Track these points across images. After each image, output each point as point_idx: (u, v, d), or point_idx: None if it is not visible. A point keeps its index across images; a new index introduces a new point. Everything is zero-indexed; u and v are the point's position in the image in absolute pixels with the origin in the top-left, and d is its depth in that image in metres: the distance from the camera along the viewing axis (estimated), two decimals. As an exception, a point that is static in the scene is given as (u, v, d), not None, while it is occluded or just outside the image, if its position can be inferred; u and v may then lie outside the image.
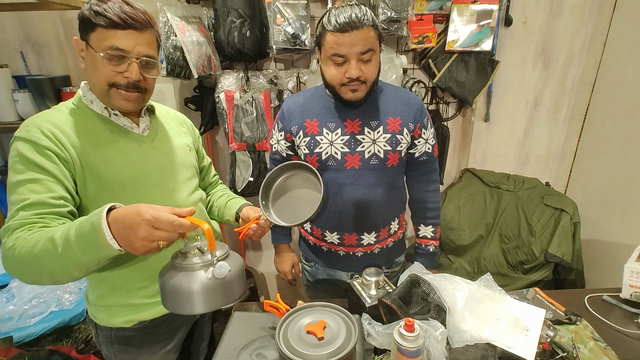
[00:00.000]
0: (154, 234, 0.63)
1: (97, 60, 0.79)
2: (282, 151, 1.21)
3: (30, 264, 0.68)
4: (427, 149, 1.17)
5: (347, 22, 0.94)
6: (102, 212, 0.65)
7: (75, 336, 1.42)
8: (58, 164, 0.77)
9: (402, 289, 0.97)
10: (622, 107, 1.76)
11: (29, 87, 1.57)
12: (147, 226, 0.62)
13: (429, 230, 1.26)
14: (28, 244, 0.68)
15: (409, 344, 0.77)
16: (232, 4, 1.54)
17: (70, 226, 0.68)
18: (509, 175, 2.01)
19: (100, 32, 0.78)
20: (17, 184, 0.75)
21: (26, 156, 0.76)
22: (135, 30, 0.80)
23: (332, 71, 1.02)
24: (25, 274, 0.72)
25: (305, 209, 0.97)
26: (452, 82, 1.83)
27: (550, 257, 1.70)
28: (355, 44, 0.96)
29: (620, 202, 1.77)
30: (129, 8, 0.79)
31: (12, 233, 0.72)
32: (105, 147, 0.84)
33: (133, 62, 0.81)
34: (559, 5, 1.84)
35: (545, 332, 0.93)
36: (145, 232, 0.62)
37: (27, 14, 1.69)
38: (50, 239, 0.67)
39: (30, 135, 0.77)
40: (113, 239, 0.64)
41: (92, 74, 0.81)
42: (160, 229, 0.63)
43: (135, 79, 0.82)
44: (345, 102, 1.07)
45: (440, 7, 1.79)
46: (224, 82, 1.71)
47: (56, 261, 0.67)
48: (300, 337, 0.83)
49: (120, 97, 0.83)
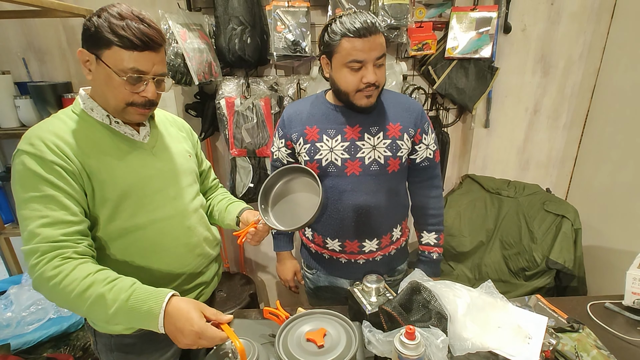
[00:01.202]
0: (197, 342, 0.74)
1: (113, 80, 0.79)
2: (282, 158, 1.21)
3: (75, 305, 0.74)
4: (428, 154, 1.17)
5: (365, 28, 0.93)
6: (162, 303, 0.74)
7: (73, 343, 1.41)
8: (67, 179, 0.77)
9: (403, 296, 0.96)
10: (622, 113, 1.76)
11: (31, 94, 1.57)
12: (193, 336, 0.72)
13: (432, 237, 1.26)
14: (77, 287, 0.72)
15: (410, 352, 0.77)
16: (233, 12, 1.56)
17: (124, 294, 0.73)
18: (509, 182, 2.01)
19: (116, 52, 0.76)
20: (30, 200, 0.75)
21: (34, 171, 0.75)
22: (153, 51, 0.80)
23: (348, 77, 1.00)
24: (62, 305, 0.77)
25: (303, 214, 0.97)
26: (451, 89, 1.84)
27: (552, 264, 1.69)
28: (374, 49, 0.96)
29: (621, 209, 1.77)
30: (146, 27, 0.78)
31: (43, 256, 0.73)
32: (108, 155, 0.84)
33: (150, 82, 0.82)
34: (558, 13, 1.85)
35: (548, 340, 0.92)
36: (190, 340, 0.73)
37: (29, 21, 1.71)
38: (101, 296, 0.73)
39: (35, 150, 0.76)
40: (162, 327, 0.73)
41: (107, 91, 0.81)
42: (203, 339, 0.73)
43: (152, 98, 0.83)
44: (357, 108, 1.06)
45: (440, 15, 1.80)
46: (225, 88, 1.72)
47: (101, 315, 0.74)
48: (300, 345, 0.82)
49: (136, 113, 0.85)
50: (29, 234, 0.74)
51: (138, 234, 0.87)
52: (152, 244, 0.89)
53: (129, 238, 0.87)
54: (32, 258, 0.73)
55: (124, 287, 0.74)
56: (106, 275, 0.75)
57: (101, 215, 0.83)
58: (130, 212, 0.86)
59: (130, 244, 0.87)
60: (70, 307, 0.77)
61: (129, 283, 0.75)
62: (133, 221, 0.86)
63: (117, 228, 0.85)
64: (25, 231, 0.75)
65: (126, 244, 0.87)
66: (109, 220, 0.84)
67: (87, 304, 0.72)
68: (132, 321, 0.74)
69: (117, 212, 0.84)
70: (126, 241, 0.87)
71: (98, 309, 0.73)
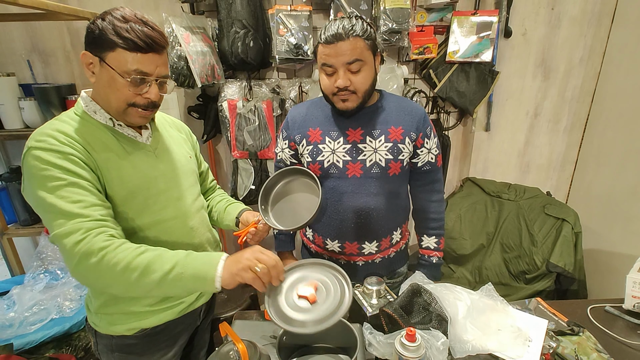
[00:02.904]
0: (258, 256, 0.78)
1: (117, 81, 0.79)
2: (286, 159, 1.22)
3: (126, 273, 0.73)
4: (430, 158, 1.18)
5: (333, 35, 0.98)
6: (223, 254, 0.80)
7: (75, 344, 1.41)
8: (86, 168, 0.78)
9: (404, 298, 0.96)
10: (623, 117, 1.77)
11: (35, 95, 1.59)
12: (251, 251, 0.79)
13: (432, 241, 1.26)
14: (130, 254, 0.74)
15: (411, 354, 0.77)
16: (236, 15, 1.57)
17: (182, 253, 0.79)
18: (509, 185, 2.01)
19: (120, 53, 0.77)
20: (55, 189, 0.73)
21: (54, 163, 0.74)
22: (156, 53, 0.81)
23: (324, 81, 1.06)
24: (107, 279, 0.74)
25: (303, 214, 0.99)
26: (452, 92, 1.85)
27: (552, 267, 1.69)
28: (341, 54, 0.99)
29: (621, 212, 1.77)
30: (150, 30, 0.79)
31: (88, 232, 0.72)
32: (115, 158, 0.84)
33: (153, 84, 0.83)
34: (558, 17, 1.87)
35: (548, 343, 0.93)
36: (249, 254, 0.78)
37: (34, 23, 1.72)
38: (159, 255, 0.77)
39: (49, 145, 0.75)
40: (222, 268, 0.76)
41: (110, 92, 0.82)
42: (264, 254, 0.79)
43: (155, 99, 0.84)
44: (338, 111, 1.10)
45: (441, 19, 1.82)
46: (227, 91, 1.73)
47: (156, 273, 0.74)
48: (293, 305, 0.81)
49: (137, 115, 0.85)
50: (66, 215, 0.72)
51: (142, 235, 0.88)
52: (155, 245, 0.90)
53: (132, 239, 0.87)
54: (76, 234, 0.71)
55: (180, 252, 0.79)
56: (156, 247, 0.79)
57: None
58: (134, 213, 0.86)
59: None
60: (117, 279, 0.74)
61: (188, 260, 0.78)
62: (137, 222, 0.87)
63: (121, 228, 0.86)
64: (61, 214, 0.72)
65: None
66: None
67: (142, 266, 0.73)
68: (190, 270, 0.75)
69: (122, 212, 0.85)
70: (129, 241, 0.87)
71: (154, 266, 0.74)
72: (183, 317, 0.99)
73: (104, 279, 0.74)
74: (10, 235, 1.74)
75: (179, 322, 0.99)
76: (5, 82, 1.59)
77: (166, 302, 0.94)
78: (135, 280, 0.73)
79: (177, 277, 0.74)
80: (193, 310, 1.02)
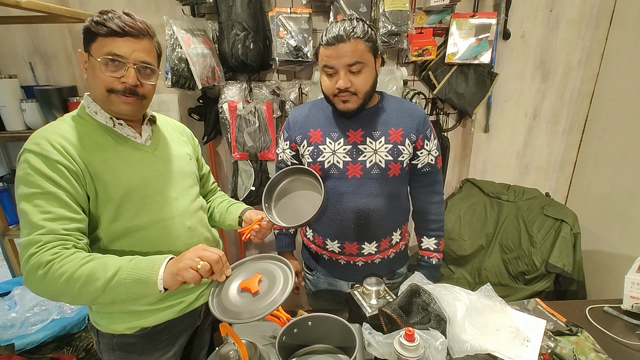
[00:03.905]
0: (201, 254, 0.78)
1: (95, 67, 0.82)
2: (287, 160, 1.24)
3: (69, 284, 0.73)
4: (430, 160, 1.18)
5: (334, 37, 0.99)
6: (166, 257, 0.79)
7: (76, 344, 1.42)
8: (69, 178, 0.79)
9: (403, 299, 0.97)
10: (621, 118, 1.78)
11: (37, 97, 1.60)
12: (194, 250, 0.79)
13: (432, 242, 1.27)
14: (74, 266, 0.74)
15: (410, 353, 0.78)
16: (236, 18, 1.58)
17: (126, 259, 0.79)
18: (509, 186, 2.02)
19: (99, 41, 0.81)
20: (32, 196, 0.76)
21: (38, 169, 0.77)
22: (133, 37, 0.83)
23: (325, 82, 1.07)
24: (52, 291, 0.75)
25: (306, 212, 1.00)
26: (451, 94, 1.86)
27: (551, 268, 1.70)
28: (342, 56, 1.00)
29: (620, 213, 1.78)
30: (128, 18, 0.83)
31: (44, 245, 0.74)
32: (111, 157, 0.86)
33: (130, 68, 0.83)
34: (556, 19, 1.88)
35: (546, 343, 0.93)
36: (192, 252, 0.78)
37: (36, 26, 1.73)
38: (103, 262, 0.76)
39: (41, 149, 0.78)
40: (164, 269, 0.76)
41: (93, 81, 0.84)
42: (207, 251, 0.79)
43: (132, 83, 0.84)
44: (339, 112, 1.11)
45: (440, 21, 1.83)
46: (228, 92, 1.74)
47: (99, 281, 0.74)
48: (235, 297, 0.81)
49: (120, 101, 0.85)
50: (31, 226, 0.75)
51: (140, 234, 0.89)
52: (154, 244, 0.91)
53: (131, 238, 0.89)
54: (32, 247, 0.74)
55: (126, 257, 0.79)
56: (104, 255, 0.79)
57: (104, 215, 0.85)
58: (132, 213, 0.88)
59: (133, 244, 0.89)
60: (62, 290, 0.74)
61: (128, 265, 0.78)
62: (135, 221, 0.88)
63: (120, 228, 0.87)
64: (28, 223, 0.75)
65: (129, 243, 0.89)
66: (112, 220, 0.86)
67: (85, 275, 0.73)
68: (132, 275, 0.75)
69: (120, 212, 0.86)
70: (129, 241, 0.89)
71: (97, 274, 0.74)
72: (183, 316, 1.00)
73: (50, 290, 0.75)
74: (12, 236, 1.75)
75: (179, 321, 1.00)
76: (7, 84, 1.60)
77: (166, 301, 0.95)
78: (78, 289, 0.73)
79: (119, 282, 0.75)
80: (193, 310, 1.03)
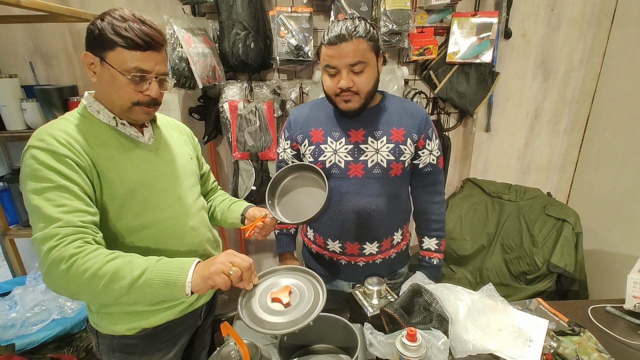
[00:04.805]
0: (232, 259, 0.78)
1: (118, 80, 0.81)
2: (288, 159, 1.23)
3: (93, 281, 0.72)
4: (431, 160, 1.18)
5: (336, 36, 0.99)
6: (194, 260, 0.79)
7: (77, 344, 1.42)
8: (79, 172, 0.78)
9: (404, 299, 0.97)
10: (623, 118, 1.77)
11: (37, 97, 1.59)
12: (225, 255, 0.79)
13: (433, 243, 1.26)
14: (99, 262, 0.72)
15: (412, 353, 0.77)
16: (237, 17, 1.58)
17: (153, 259, 0.78)
18: (510, 185, 2.02)
19: (120, 52, 0.79)
20: (44, 190, 0.74)
21: (47, 163, 0.75)
22: (155, 51, 0.83)
23: (327, 82, 1.06)
24: (75, 286, 0.73)
25: (309, 208, 1.00)
26: (453, 93, 1.85)
27: (553, 268, 1.69)
28: (344, 56, 0.99)
29: (622, 213, 1.77)
30: (148, 28, 0.81)
31: (64, 238, 0.71)
32: (115, 156, 0.86)
33: (153, 81, 0.84)
34: (558, 18, 1.87)
35: (549, 343, 0.93)
36: (223, 257, 0.78)
37: (36, 25, 1.73)
38: (129, 261, 0.75)
39: (47, 145, 0.77)
40: (193, 272, 0.76)
41: (112, 91, 0.83)
42: (237, 257, 0.79)
43: (156, 96, 0.86)
44: (341, 112, 1.10)
45: (441, 20, 1.82)
46: (228, 92, 1.74)
47: (125, 280, 0.73)
48: (265, 307, 0.82)
49: (142, 112, 0.87)
50: (46, 219, 0.72)
51: (143, 233, 0.89)
52: (156, 243, 0.91)
53: (134, 237, 0.88)
54: (52, 240, 0.71)
55: (152, 258, 0.78)
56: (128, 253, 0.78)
57: (108, 213, 0.85)
58: (136, 211, 0.87)
59: (135, 243, 0.89)
60: (85, 286, 0.72)
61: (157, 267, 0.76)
62: (139, 220, 0.88)
63: (123, 227, 0.87)
64: (42, 217, 0.73)
65: (131, 243, 0.88)
66: (115, 218, 0.86)
67: (110, 273, 0.71)
68: (160, 276, 0.74)
69: (124, 210, 0.86)
70: (131, 240, 0.88)
71: (124, 272, 0.72)
72: (184, 317, 0.99)
73: (72, 286, 0.72)
74: (12, 236, 1.74)
75: (179, 322, 0.99)
76: (7, 83, 1.59)
77: (166, 301, 0.94)
78: (103, 287, 0.71)
79: (146, 283, 0.73)
80: (194, 311, 1.02)
